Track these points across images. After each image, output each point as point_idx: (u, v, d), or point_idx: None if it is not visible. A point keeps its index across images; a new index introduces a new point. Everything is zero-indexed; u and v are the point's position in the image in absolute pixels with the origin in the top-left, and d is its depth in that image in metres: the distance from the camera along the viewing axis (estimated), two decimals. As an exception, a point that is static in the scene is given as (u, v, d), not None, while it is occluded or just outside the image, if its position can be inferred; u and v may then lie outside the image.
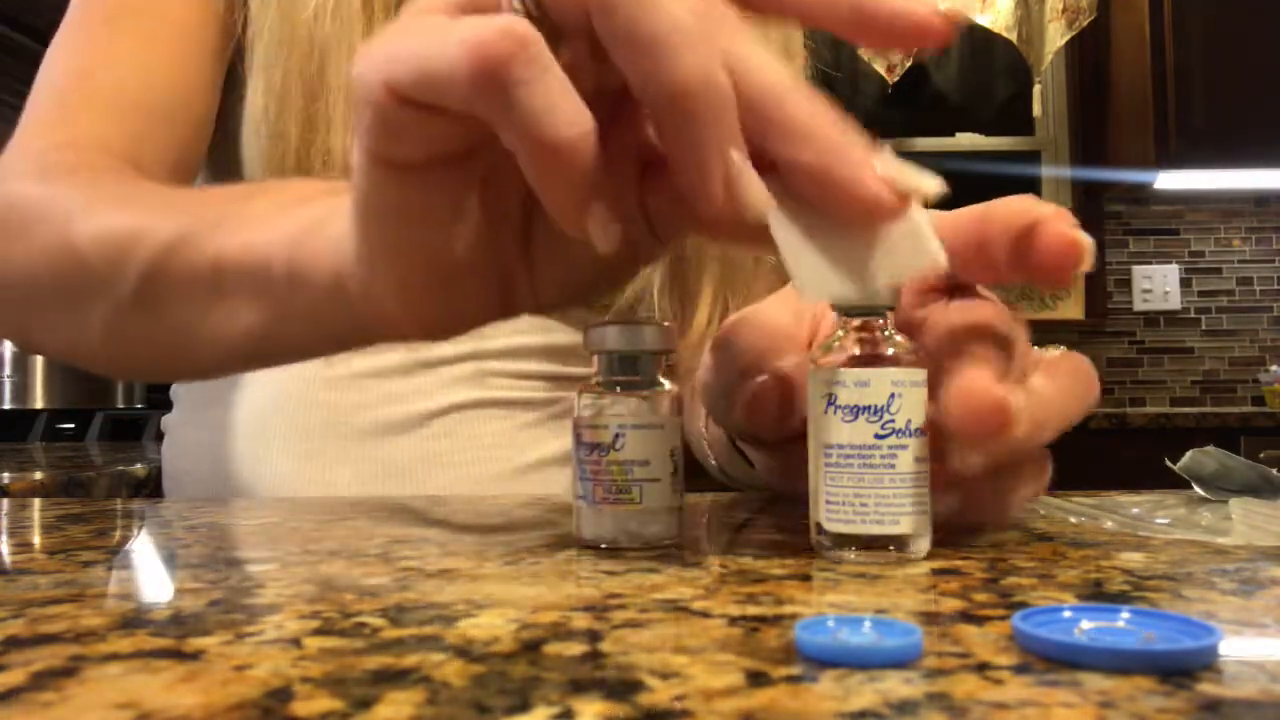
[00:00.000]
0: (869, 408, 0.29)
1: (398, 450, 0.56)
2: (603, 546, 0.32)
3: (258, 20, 0.56)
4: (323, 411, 0.56)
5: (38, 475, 0.70)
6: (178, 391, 0.63)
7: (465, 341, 0.58)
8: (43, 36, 1.66)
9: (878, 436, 0.29)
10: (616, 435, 0.32)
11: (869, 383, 0.29)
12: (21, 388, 1.95)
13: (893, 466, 0.29)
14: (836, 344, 0.31)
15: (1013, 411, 0.29)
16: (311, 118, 0.54)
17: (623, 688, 0.17)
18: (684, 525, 0.34)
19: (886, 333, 0.31)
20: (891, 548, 0.29)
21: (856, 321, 0.31)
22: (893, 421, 0.29)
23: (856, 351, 0.31)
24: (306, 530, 0.37)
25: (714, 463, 0.51)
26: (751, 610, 0.23)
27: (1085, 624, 0.20)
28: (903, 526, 0.29)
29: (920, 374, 0.30)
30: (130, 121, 0.53)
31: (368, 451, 0.56)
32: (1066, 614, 0.21)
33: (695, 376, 0.58)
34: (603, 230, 0.26)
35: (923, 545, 0.30)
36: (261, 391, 0.57)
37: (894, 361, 0.30)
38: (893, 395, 0.29)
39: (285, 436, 0.56)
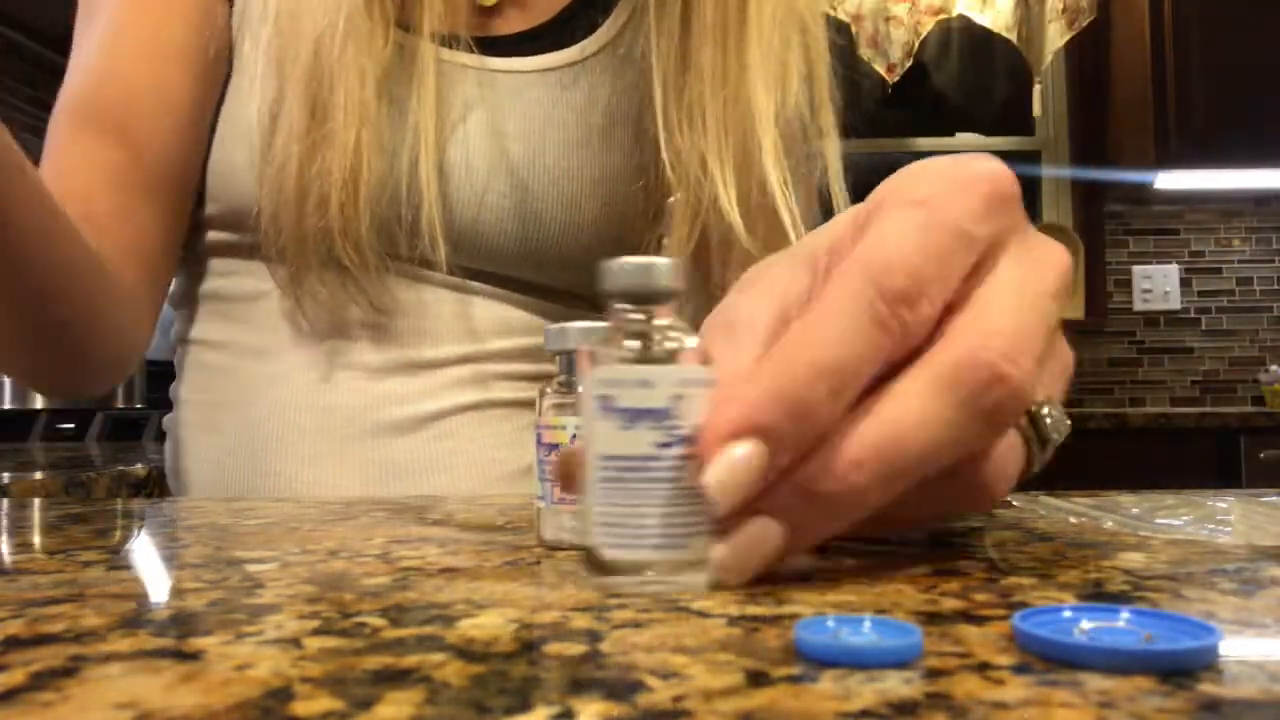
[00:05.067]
0: (650, 412, 0.25)
1: (399, 452, 0.56)
2: (563, 549, 0.31)
3: (256, 30, 0.57)
4: (323, 415, 0.56)
5: (38, 475, 0.70)
6: (178, 393, 0.63)
7: (461, 344, 0.58)
8: (44, 36, 1.66)
9: (660, 446, 0.25)
10: (574, 435, 0.31)
11: (650, 383, 0.25)
12: (21, 388, 1.95)
13: (676, 481, 0.25)
14: (611, 338, 0.26)
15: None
16: (315, 139, 0.54)
17: (623, 688, 0.17)
18: None
19: (668, 323, 0.26)
20: (664, 572, 0.25)
21: (635, 311, 0.27)
22: (677, 428, 0.25)
23: (635, 345, 0.26)
24: (306, 530, 0.37)
25: None
26: (751, 610, 0.23)
27: (1085, 624, 0.20)
28: (688, 550, 0.25)
29: (707, 372, 0.26)
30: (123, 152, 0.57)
31: (369, 454, 0.56)
32: (1066, 614, 0.21)
33: None
34: None
35: (707, 571, 0.25)
36: (262, 395, 0.58)
37: (677, 359, 0.26)
38: (676, 398, 0.25)
39: (285, 440, 0.56)
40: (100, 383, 0.60)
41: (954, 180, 0.26)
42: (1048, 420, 0.28)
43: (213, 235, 0.60)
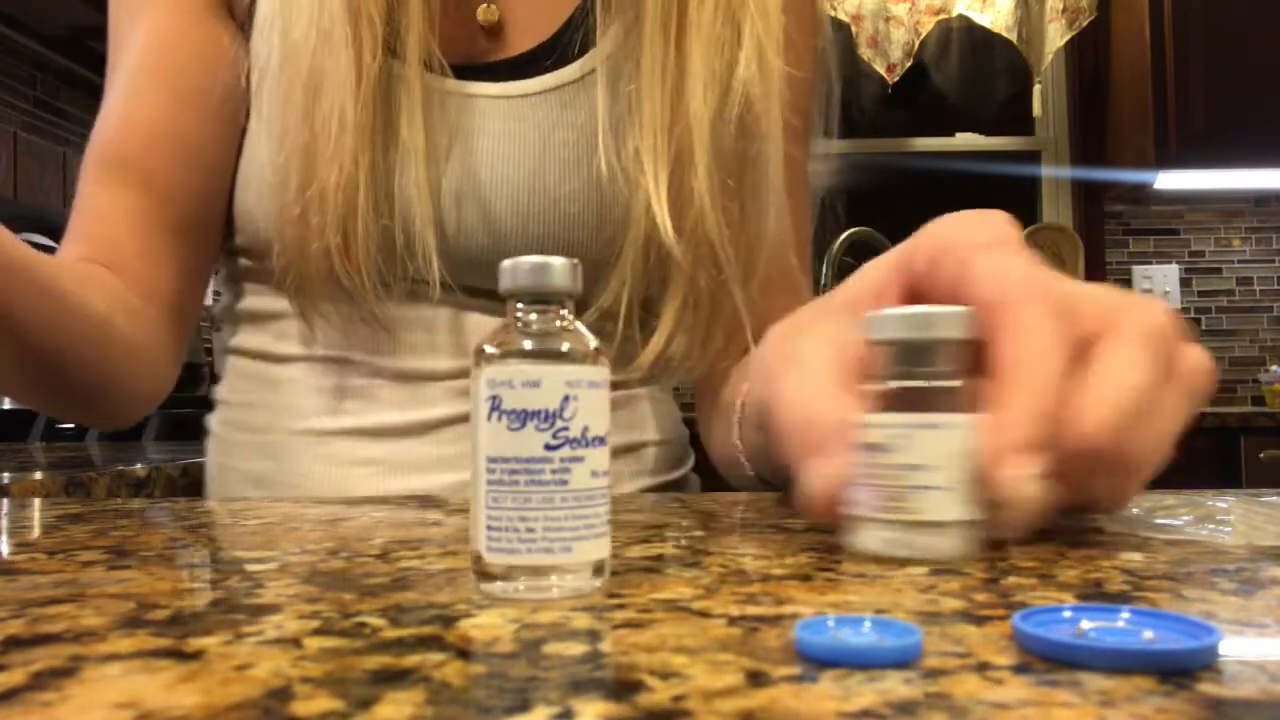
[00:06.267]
0: (538, 413, 0.25)
1: (413, 451, 0.59)
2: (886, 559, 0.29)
3: (261, 58, 0.58)
4: (338, 419, 0.59)
5: (38, 475, 0.70)
6: (219, 394, 0.66)
7: (457, 358, 0.60)
8: (44, 36, 1.66)
9: (548, 448, 0.25)
10: (888, 435, 0.29)
11: (539, 383, 0.25)
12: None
13: (565, 483, 0.25)
14: (504, 336, 0.26)
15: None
16: (309, 149, 0.54)
17: (623, 688, 0.17)
18: (978, 543, 0.30)
19: (563, 323, 0.26)
20: (555, 577, 0.25)
21: (530, 310, 0.26)
22: (566, 429, 0.25)
23: (528, 345, 0.26)
24: (306, 530, 0.37)
25: (750, 473, 0.53)
26: (751, 610, 0.23)
27: (1085, 624, 0.20)
28: (575, 554, 0.25)
29: (601, 373, 0.26)
30: (145, 197, 0.59)
31: (385, 452, 0.58)
32: (1066, 614, 0.21)
33: (723, 403, 0.58)
34: None
35: (600, 575, 0.26)
36: (285, 398, 0.61)
37: (570, 358, 0.25)
38: (567, 398, 0.25)
39: (306, 440, 0.59)
40: (122, 423, 0.63)
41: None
42: None
43: (242, 261, 0.63)
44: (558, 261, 0.26)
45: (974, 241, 0.33)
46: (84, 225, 0.59)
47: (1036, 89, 2.73)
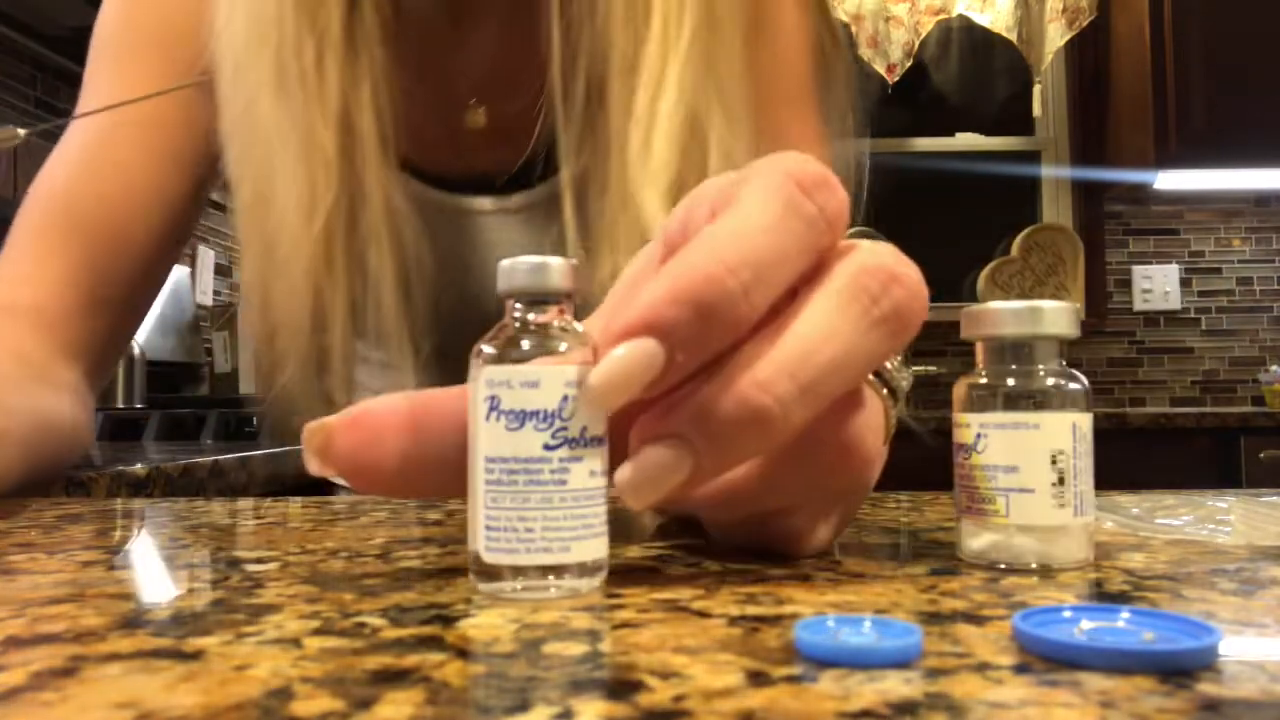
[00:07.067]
0: (537, 413, 0.25)
1: None
2: (999, 565, 0.28)
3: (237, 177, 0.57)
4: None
5: (38, 475, 0.69)
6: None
7: None
8: (44, 36, 1.66)
9: (547, 447, 0.25)
10: (979, 435, 0.28)
11: (538, 383, 0.25)
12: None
13: (564, 483, 0.25)
14: (503, 336, 0.26)
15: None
16: (267, 233, 0.53)
17: (623, 688, 0.17)
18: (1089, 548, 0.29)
19: (562, 324, 0.26)
20: (554, 577, 0.25)
21: (529, 310, 0.26)
22: (565, 429, 0.25)
23: (526, 345, 0.26)
24: (306, 530, 0.37)
25: None
26: (751, 610, 0.23)
27: (1085, 624, 0.20)
28: (574, 554, 0.25)
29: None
30: (90, 249, 0.58)
31: None
32: (1066, 614, 0.21)
33: None
34: None
35: (598, 575, 0.26)
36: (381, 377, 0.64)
37: (569, 358, 0.25)
38: (565, 398, 0.25)
39: None
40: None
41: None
42: (890, 370, 0.29)
43: None
44: (556, 261, 0.26)
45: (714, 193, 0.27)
46: (19, 271, 0.57)
47: (1036, 89, 2.73)
